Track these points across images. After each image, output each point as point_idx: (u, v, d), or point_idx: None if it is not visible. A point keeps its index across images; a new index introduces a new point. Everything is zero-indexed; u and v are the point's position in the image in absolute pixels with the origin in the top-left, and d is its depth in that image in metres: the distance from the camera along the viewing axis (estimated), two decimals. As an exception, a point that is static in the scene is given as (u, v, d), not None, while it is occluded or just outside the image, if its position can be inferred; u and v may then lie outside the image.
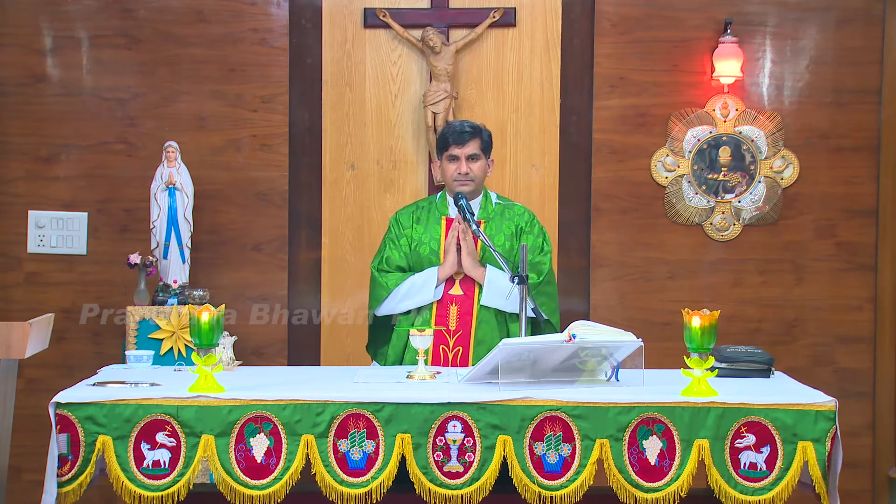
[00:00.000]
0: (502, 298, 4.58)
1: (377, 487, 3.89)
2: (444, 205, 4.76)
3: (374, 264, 4.76)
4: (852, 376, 5.77)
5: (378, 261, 4.75)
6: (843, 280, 5.77)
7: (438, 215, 4.75)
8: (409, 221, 4.76)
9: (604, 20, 5.73)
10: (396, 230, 4.76)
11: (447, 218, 4.73)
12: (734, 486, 3.90)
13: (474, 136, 4.67)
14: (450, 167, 4.68)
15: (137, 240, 5.63)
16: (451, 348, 4.63)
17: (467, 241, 4.59)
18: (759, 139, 5.73)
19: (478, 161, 4.68)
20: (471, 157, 4.66)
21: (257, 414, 3.90)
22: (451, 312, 4.64)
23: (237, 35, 5.70)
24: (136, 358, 4.56)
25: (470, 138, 4.66)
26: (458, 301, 4.65)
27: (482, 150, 4.69)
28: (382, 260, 4.74)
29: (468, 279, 4.65)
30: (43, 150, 5.69)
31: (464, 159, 4.65)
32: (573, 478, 3.90)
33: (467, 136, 4.66)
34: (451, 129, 4.71)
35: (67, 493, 3.87)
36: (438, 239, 4.71)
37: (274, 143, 5.73)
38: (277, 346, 5.75)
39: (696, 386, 3.94)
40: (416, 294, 4.65)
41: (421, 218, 4.76)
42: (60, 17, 5.67)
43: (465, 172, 4.65)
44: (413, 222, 4.76)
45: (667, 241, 5.77)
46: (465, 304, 4.65)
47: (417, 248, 4.71)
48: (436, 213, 4.76)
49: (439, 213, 4.75)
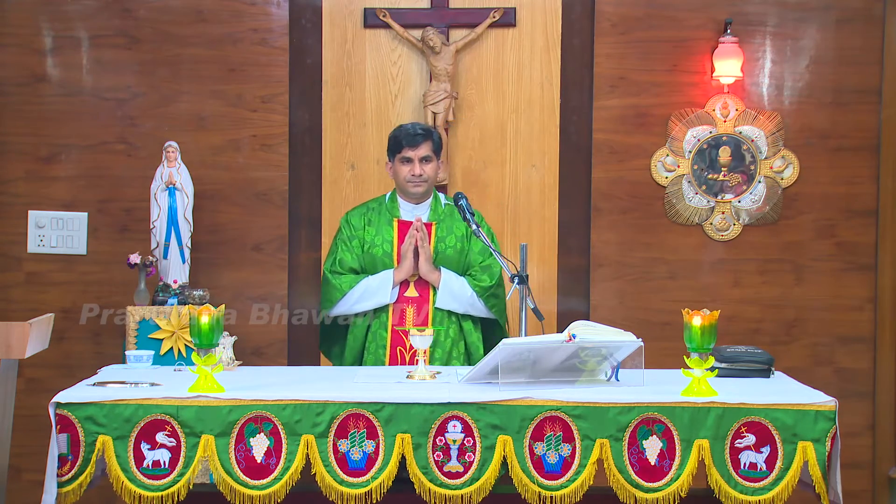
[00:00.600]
0: (456, 301, 4.76)
1: (377, 487, 3.89)
2: (395, 206, 4.86)
3: (327, 266, 4.86)
4: (852, 376, 5.76)
5: (331, 262, 4.85)
6: (843, 280, 5.77)
7: (390, 217, 4.84)
8: (360, 223, 4.86)
9: (604, 20, 5.73)
10: (348, 231, 4.86)
11: (399, 220, 4.83)
12: (734, 486, 3.90)
13: (427, 137, 4.77)
14: (403, 169, 4.78)
15: (137, 240, 5.63)
16: (407, 350, 4.74)
17: (425, 247, 4.72)
18: (759, 139, 5.73)
19: (430, 163, 4.79)
20: (424, 159, 4.77)
21: (257, 414, 3.90)
22: (408, 314, 4.76)
23: (237, 35, 5.70)
24: (136, 358, 4.56)
25: (423, 140, 4.76)
26: (414, 302, 4.78)
27: (434, 152, 4.79)
28: (335, 262, 4.84)
29: (423, 281, 4.77)
30: (43, 150, 5.69)
31: (417, 161, 4.76)
32: (573, 478, 3.90)
33: (420, 138, 4.76)
34: (403, 131, 4.80)
35: (67, 493, 3.87)
36: (391, 241, 4.81)
37: (274, 143, 5.73)
38: (277, 346, 5.75)
39: (696, 386, 3.94)
40: (370, 297, 4.76)
41: (372, 220, 4.85)
42: (60, 17, 5.67)
43: (418, 174, 4.76)
44: (365, 224, 4.85)
45: (667, 241, 5.77)
46: (421, 306, 4.76)
47: (370, 250, 4.81)
48: (387, 215, 4.85)
49: (390, 214, 4.85)
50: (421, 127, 4.83)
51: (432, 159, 4.79)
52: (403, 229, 4.80)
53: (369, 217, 4.86)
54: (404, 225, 4.81)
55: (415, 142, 4.75)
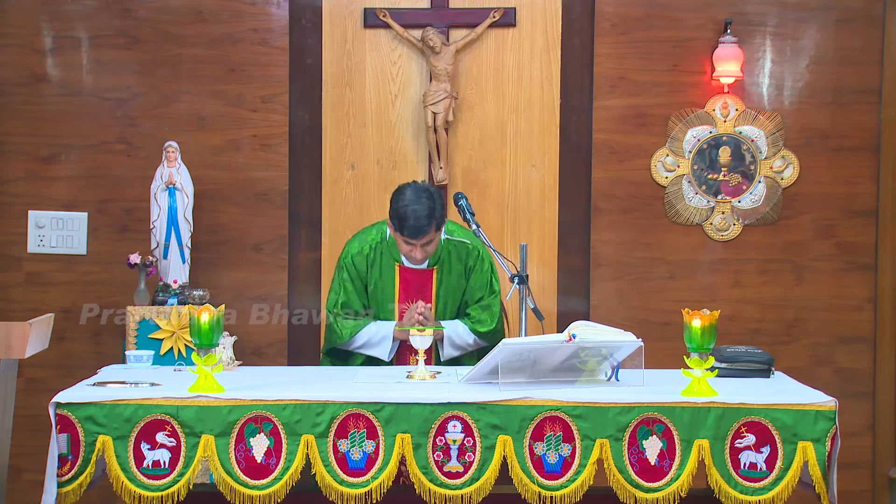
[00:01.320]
0: (459, 350, 4.74)
1: (377, 487, 3.89)
2: (396, 252, 4.73)
3: (329, 306, 4.79)
4: (852, 376, 5.76)
5: (333, 302, 4.77)
6: (843, 280, 5.77)
7: (391, 261, 4.75)
8: (363, 264, 4.75)
9: (604, 20, 5.73)
10: (351, 272, 4.75)
11: (400, 266, 4.73)
12: (734, 486, 3.90)
13: (430, 225, 4.55)
14: (404, 246, 4.62)
15: (137, 240, 5.63)
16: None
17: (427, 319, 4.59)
18: (759, 139, 5.73)
19: (431, 243, 4.62)
20: (426, 243, 4.61)
21: (257, 414, 3.90)
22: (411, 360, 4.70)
23: (237, 35, 5.70)
24: (136, 358, 4.57)
25: (427, 231, 4.56)
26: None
27: (436, 230, 4.61)
28: (338, 304, 4.76)
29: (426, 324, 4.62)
30: (43, 150, 5.69)
31: (419, 247, 4.60)
32: (573, 478, 3.90)
33: (425, 229, 4.54)
34: (406, 219, 4.53)
35: (67, 493, 3.87)
36: (393, 285, 4.74)
37: (274, 143, 5.73)
38: (277, 346, 5.75)
39: (696, 386, 3.94)
40: (370, 348, 4.73)
41: (375, 262, 4.75)
42: (60, 17, 5.67)
43: (419, 258, 4.64)
44: (367, 266, 4.75)
45: (667, 241, 5.77)
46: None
47: (373, 293, 4.74)
48: (389, 260, 4.75)
49: (393, 259, 4.74)
50: (426, 213, 4.53)
51: (434, 239, 4.62)
52: (405, 275, 4.74)
53: (372, 258, 4.75)
54: (405, 271, 4.74)
55: (419, 234, 4.55)
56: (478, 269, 4.77)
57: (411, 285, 4.74)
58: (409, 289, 4.74)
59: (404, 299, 4.73)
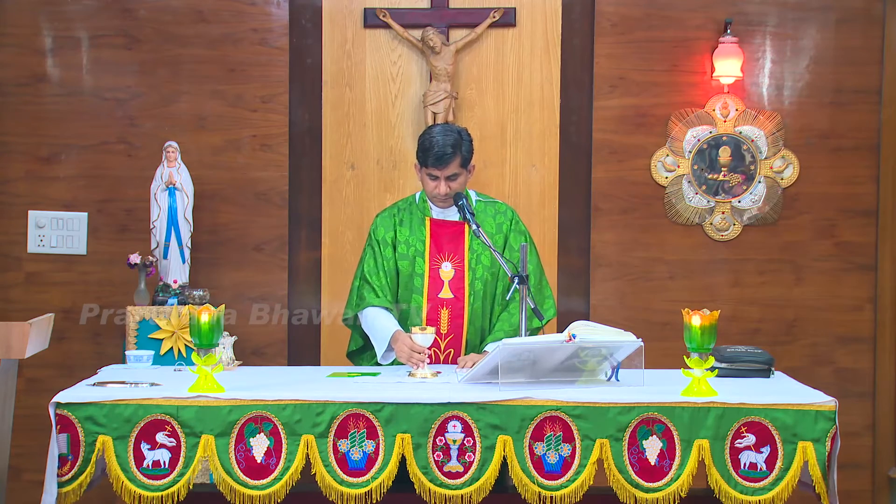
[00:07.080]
0: None
1: (377, 487, 3.89)
2: (426, 206, 4.69)
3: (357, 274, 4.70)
4: (852, 376, 5.77)
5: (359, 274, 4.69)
6: (842, 280, 5.77)
7: (421, 216, 4.69)
8: (391, 225, 4.68)
9: (604, 20, 5.73)
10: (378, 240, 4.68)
11: (431, 220, 4.67)
12: (734, 486, 3.90)
13: (455, 154, 4.52)
14: (429, 183, 4.58)
15: (137, 240, 5.63)
16: (442, 350, 4.64)
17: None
18: (759, 139, 5.73)
19: (458, 178, 4.58)
20: (450, 177, 4.56)
21: (257, 414, 3.90)
22: (443, 316, 4.64)
23: (237, 35, 5.70)
24: (136, 358, 4.57)
25: (451, 159, 4.52)
26: (449, 304, 4.63)
27: (462, 166, 4.57)
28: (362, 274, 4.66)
29: (458, 282, 4.62)
30: (43, 150, 5.69)
31: (443, 180, 4.55)
32: (573, 478, 3.90)
33: (449, 157, 4.51)
34: (431, 148, 4.52)
35: (67, 493, 3.87)
36: (424, 240, 4.66)
37: (274, 143, 5.73)
38: (277, 346, 5.75)
39: (696, 386, 3.94)
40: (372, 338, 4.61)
41: (404, 220, 4.69)
42: (60, 17, 5.67)
43: (444, 193, 4.58)
44: (395, 225, 4.68)
45: (667, 241, 5.77)
46: (455, 308, 4.63)
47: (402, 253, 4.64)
48: (418, 215, 4.69)
49: (422, 213, 4.69)
50: (451, 143, 4.51)
51: (460, 174, 4.58)
52: (436, 229, 4.65)
53: (400, 217, 4.69)
54: (436, 224, 4.66)
55: (442, 163, 4.52)
56: (514, 231, 4.70)
57: (443, 238, 4.66)
58: (440, 242, 4.66)
59: (435, 253, 4.64)
